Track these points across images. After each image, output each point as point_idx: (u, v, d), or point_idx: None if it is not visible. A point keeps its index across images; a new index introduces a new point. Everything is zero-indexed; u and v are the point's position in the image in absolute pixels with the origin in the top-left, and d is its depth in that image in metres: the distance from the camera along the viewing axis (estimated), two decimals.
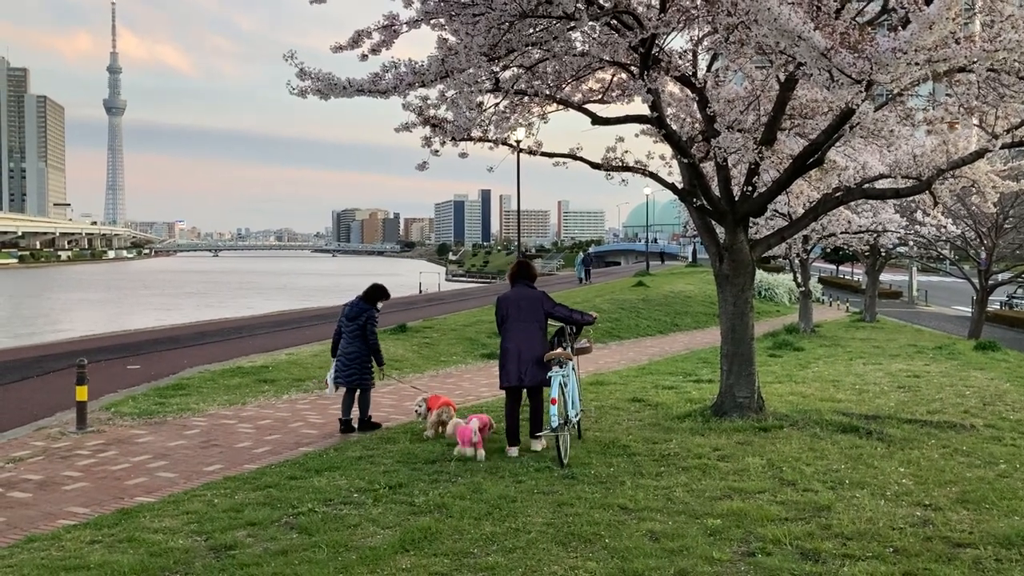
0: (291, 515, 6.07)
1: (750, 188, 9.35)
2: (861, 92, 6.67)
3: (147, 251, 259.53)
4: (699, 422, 9.30)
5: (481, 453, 7.89)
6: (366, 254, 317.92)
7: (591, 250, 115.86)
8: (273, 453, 8.34)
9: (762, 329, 22.09)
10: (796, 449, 8.01)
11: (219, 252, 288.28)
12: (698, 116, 9.49)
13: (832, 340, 21.41)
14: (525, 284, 8.46)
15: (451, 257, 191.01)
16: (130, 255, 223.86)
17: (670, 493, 6.54)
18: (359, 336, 9.40)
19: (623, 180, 9.44)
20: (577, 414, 8.40)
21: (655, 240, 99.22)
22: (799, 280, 23.59)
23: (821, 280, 47.19)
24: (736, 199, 9.61)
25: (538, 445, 8.24)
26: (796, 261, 23.59)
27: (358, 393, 9.53)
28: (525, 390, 8.31)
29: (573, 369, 8.46)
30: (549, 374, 7.95)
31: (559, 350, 8.19)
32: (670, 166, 10.24)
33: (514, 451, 8.09)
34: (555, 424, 7.67)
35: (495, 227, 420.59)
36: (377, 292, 9.62)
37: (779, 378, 13.40)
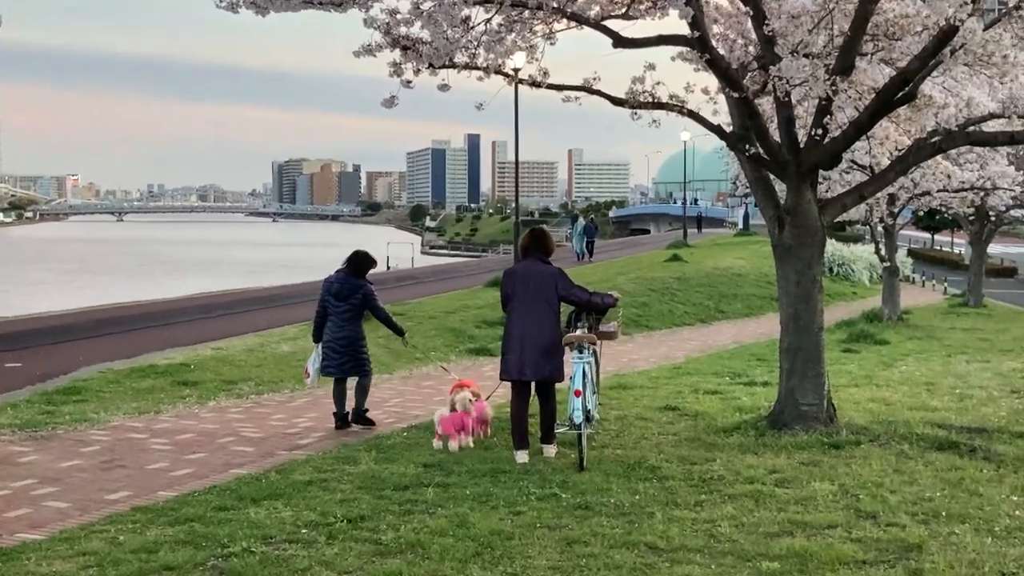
0: (220, 557, 6.08)
1: (820, 132, 9.34)
2: (967, 4, 6.65)
3: (31, 214, 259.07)
4: (751, 437, 9.32)
5: (453, 445, 8.79)
6: (317, 219, 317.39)
7: (613, 213, 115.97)
8: (196, 477, 8.35)
9: (834, 316, 22.14)
10: (877, 472, 8.03)
11: (124, 216, 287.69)
12: (752, 36, 9.44)
13: (925, 331, 21.49)
14: (538, 258, 8.86)
15: (428, 223, 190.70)
16: (8, 219, 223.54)
17: (713, 528, 6.56)
18: (353, 318, 10.27)
19: (654, 121, 9.43)
20: (596, 417, 8.89)
21: (695, 201, 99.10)
22: (883, 253, 23.62)
23: (911, 253, 47.34)
24: (801, 146, 9.60)
25: (551, 451, 8.76)
26: (879, 228, 23.60)
27: (355, 382, 10.38)
28: (533, 385, 8.72)
29: (594, 354, 8.87)
30: (573, 359, 8.40)
31: (580, 332, 8.66)
32: (715, 102, 10.20)
33: (523, 456, 8.56)
34: (577, 420, 8.22)
35: (486, 184, 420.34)
36: (366, 262, 10.46)
37: (856, 380, 13.45)
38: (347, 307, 10.30)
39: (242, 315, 21.78)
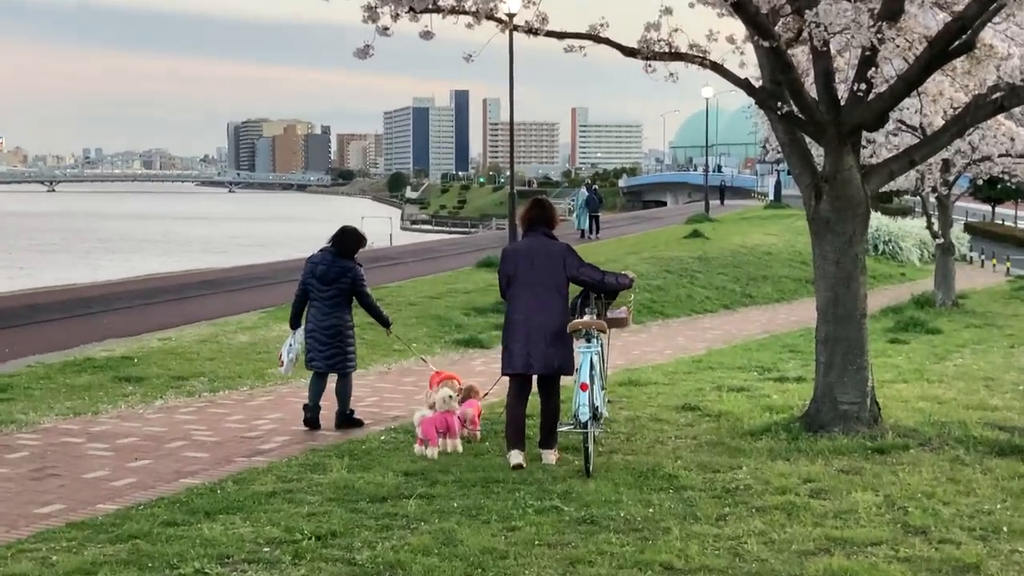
0: None
1: (863, 87, 9.33)
2: None
3: None
4: (783, 440, 9.35)
5: (432, 452, 8.90)
6: (280, 188, 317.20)
7: (623, 182, 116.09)
8: (141, 487, 8.35)
9: (880, 301, 22.19)
10: (928, 480, 8.05)
11: (56, 185, 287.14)
12: None
13: (984, 317, 21.52)
14: (543, 233, 8.92)
15: (409, 194, 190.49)
16: None
17: (739, 546, 6.58)
18: (341, 303, 10.44)
19: (671, 75, 9.41)
20: (604, 414, 9.07)
21: (718, 168, 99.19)
22: (935, 228, 23.65)
23: (968, 228, 47.35)
24: (842, 103, 9.59)
25: (551, 457, 8.82)
26: (931, 199, 23.61)
27: (336, 379, 10.52)
28: (535, 380, 8.83)
29: (601, 345, 8.99)
30: (579, 348, 8.53)
31: (588, 318, 8.75)
32: (742, 53, 10.17)
33: (517, 457, 8.62)
34: (584, 417, 8.27)
35: (476, 148, 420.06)
36: (353, 240, 10.60)
37: (904, 375, 13.48)
38: (334, 291, 10.43)
39: (193, 300, 21.78)
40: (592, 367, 8.49)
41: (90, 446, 9.78)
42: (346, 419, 10.56)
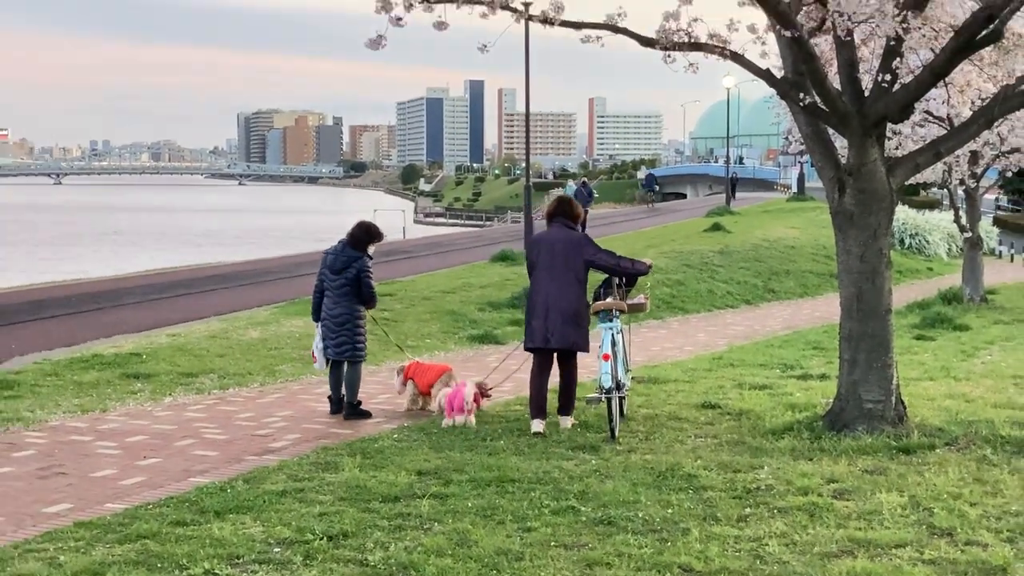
0: None
1: (888, 77, 9.31)
2: None
3: None
4: (805, 440, 9.35)
5: (471, 420, 10.03)
6: (291, 181, 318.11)
7: (642, 173, 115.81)
8: (150, 486, 8.40)
9: (905, 297, 22.15)
10: (955, 481, 8.05)
11: (64, 178, 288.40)
12: None
13: (1013, 313, 21.46)
14: (564, 224, 10.15)
15: (422, 187, 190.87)
16: None
17: (760, 548, 6.59)
18: (349, 293, 10.99)
19: (690, 65, 9.41)
20: (626, 384, 10.29)
21: (740, 160, 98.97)
22: (963, 222, 23.58)
23: (997, 222, 47.16)
24: (866, 94, 9.57)
25: (567, 423, 10.03)
26: (959, 192, 23.54)
27: (345, 367, 11.04)
28: (556, 355, 9.97)
29: (621, 332, 10.10)
30: (600, 326, 9.83)
31: (609, 300, 10.03)
32: (764, 43, 10.15)
33: (538, 426, 9.80)
34: (607, 385, 9.50)
35: (491, 139, 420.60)
36: (367, 233, 11.19)
37: (930, 372, 13.45)
38: (342, 280, 11.01)
39: (203, 295, 21.84)
40: (613, 343, 9.73)
41: (98, 444, 9.83)
42: (353, 409, 10.96)
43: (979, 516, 7.18)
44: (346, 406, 10.98)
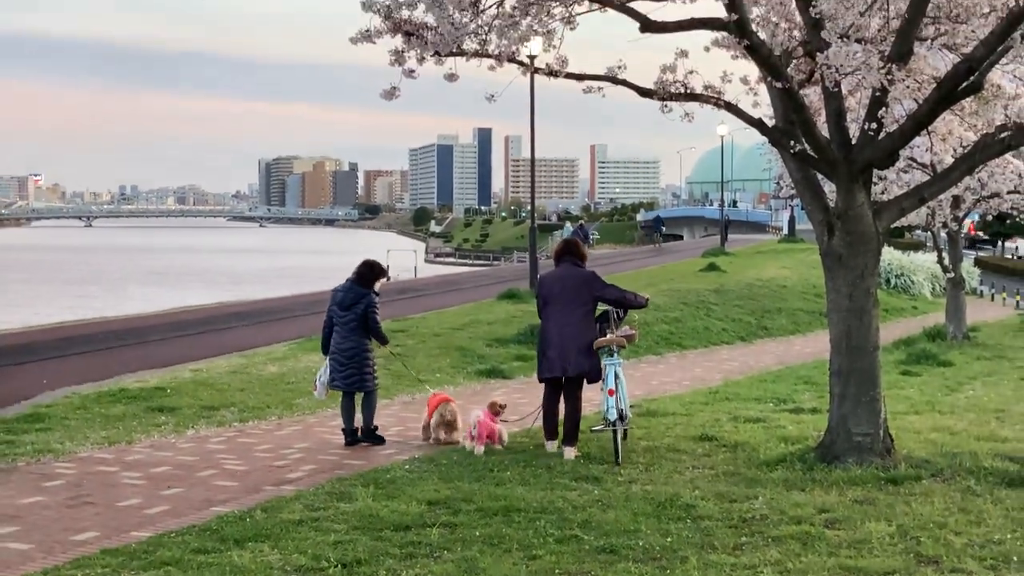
0: None
1: (874, 126, 9.33)
2: None
3: None
4: (798, 471, 9.32)
5: (479, 448, 10.24)
6: (309, 223, 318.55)
7: (641, 216, 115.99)
8: (173, 515, 8.38)
9: (892, 334, 22.09)
10: (940, 510, 8.02)
11: (94, 221, 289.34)
12: (797, 19, 9.45)
13: (995, 350, 21.39)
14: (572, 262, 10.58)
15: (433, 228, 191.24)
16: None
17: (755, 575, 6.54)
18: (357, 328, 11.19)
19: (687, 114, 9.45)
20: (628, 416, 10.46)
21: (734, 203, 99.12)
22: (946, 263, 23.55)
23: (979, 263, 47.12)
24: (853, 142, 9.59)
25: (571, 453, 10.14)
26: (942, 234, 23.53)
27: (361, 397, 11.24)
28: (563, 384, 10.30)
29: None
30: (605, 362, 10.15)
31: (611, 336, 10.28)
32: (756, 93, 10.21)
33: (553, 445, 10.32)
34: (612, 416, 9.89)
35: (498, 184, 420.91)
36: (373, 272, 11.44)
37: (916, 406, 13.40)
38: (351, 316, 11.19)
39: (224, 332, 21.84)
40: (616, 377, 10.12)
41: (124, 475, 9.81)
42: (369, 434, 11.20)
43: (964, 545, 7.15)
44: (362, 431, 11.20)
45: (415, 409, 13.65)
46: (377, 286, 11.49)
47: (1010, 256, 59.13)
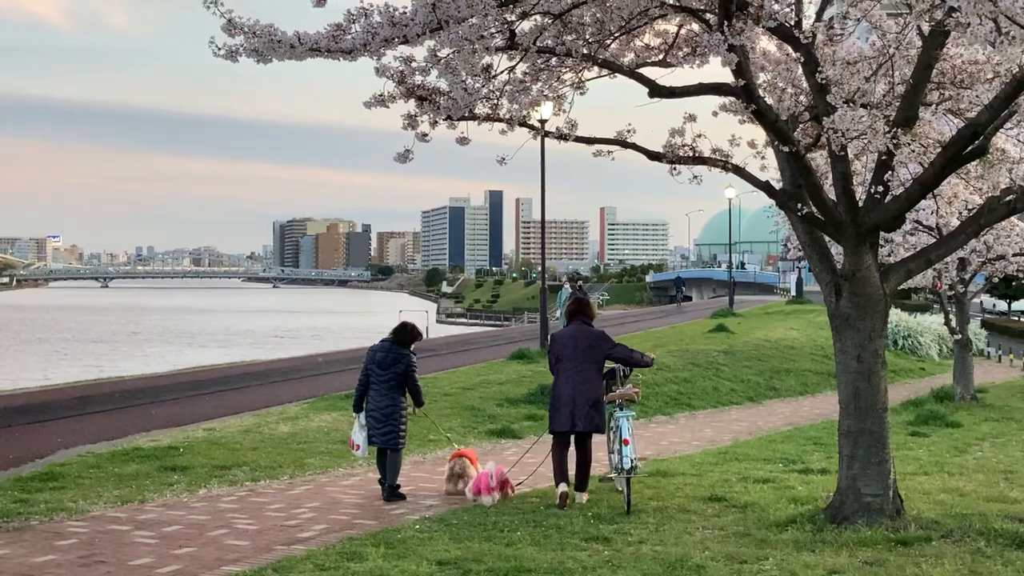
0: None
1: (880, 189, 9.36)
2: None
3: (7, 279, 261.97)
4: (808, 532, 9.24)
5: (495, 497, 10.64)
6: (322, 284, 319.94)
7: (650, 277, 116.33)
8: (185, 574, 8.32)
9: (900, 395, 21.98)
10: (950, 572, 7.94)
11: (110, 281, 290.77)
12: (803, 85, 9.51)
13: (1002, 411, 21.24)
14: (583, 321, 11.05)
15: (445, 288, 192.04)
16: None
17: None
18: (396, 387, 11.52)
19: (695, 177, 9.49)
20: (638, 466, 10.81)
21: (741, 265, 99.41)
22: (953, 324, 23.49)
23: (985, 324, 46.96)
24: (860, 205, 9.62)
25: (583, 498, 10.81)
26: (949, 296, 23.48)
27: (388, 454, 11.43)
28: (572, 437, 10.78)
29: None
30: (616, 414, 10.72)
31: (622, 389, 10.96)
32: (763, 157, 10.27)
33: (563, 487, 10.65)
34: (627, 466, 10.37)
35: (509, 245, 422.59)
36: (411, 334, 11.82)
37: (925, 467, 13.31)
38: (390, 375, 11.48)
39: (237, 392, 21.81)
40: (630, 429, 10.57)
41: (136, 533, 9.76)
42: (392, 492, 11.33)
43: None
44: (387, 488, 11.35)
45: (426, 469, 13.61)
46: (412, 347, 11.76)
47: (1017, 318, 58.89)
